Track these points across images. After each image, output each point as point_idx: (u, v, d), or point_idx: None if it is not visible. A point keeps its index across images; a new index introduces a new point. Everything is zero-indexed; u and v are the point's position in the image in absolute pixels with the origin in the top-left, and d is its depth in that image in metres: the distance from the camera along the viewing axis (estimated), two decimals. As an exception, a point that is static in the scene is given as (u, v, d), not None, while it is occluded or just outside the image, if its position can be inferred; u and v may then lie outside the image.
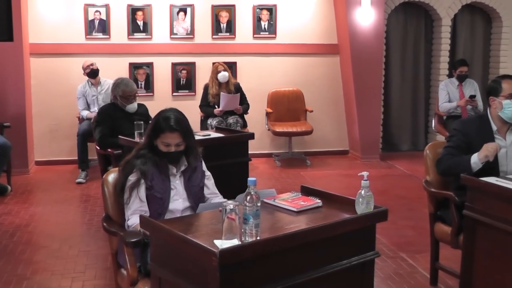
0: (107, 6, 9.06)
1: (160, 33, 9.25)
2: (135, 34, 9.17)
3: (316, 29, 9.71)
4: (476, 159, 4.21)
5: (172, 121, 3.77)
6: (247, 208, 2.81)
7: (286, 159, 9.41)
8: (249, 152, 6.18)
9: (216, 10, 9.37)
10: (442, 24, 10.15)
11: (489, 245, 4.02)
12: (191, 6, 9.26)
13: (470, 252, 4.16)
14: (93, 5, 9.05)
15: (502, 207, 3.89)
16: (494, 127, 4.43)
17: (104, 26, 9.09)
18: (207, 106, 8.57)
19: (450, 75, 9.54)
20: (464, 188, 4.18)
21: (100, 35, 9.10)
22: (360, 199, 3.22)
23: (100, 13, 9.05)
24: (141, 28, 9.18)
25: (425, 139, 10.35)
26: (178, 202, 3.81)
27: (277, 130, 9.14)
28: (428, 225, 4.78)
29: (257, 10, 9.49)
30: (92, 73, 8.39)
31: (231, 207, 2.79)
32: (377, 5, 9.28)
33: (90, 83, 8.46)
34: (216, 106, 8.47)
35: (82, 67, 8.45)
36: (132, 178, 3.74)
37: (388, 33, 10.05)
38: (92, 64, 8.42)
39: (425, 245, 4.95)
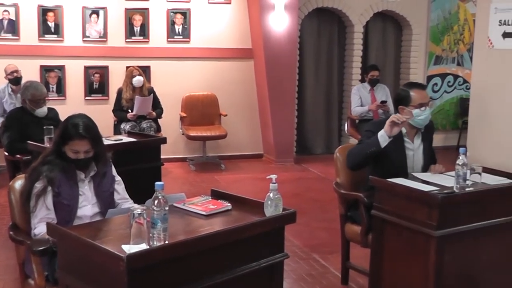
0: (16, 6, 8.80)
1: (72, 36, 9.08)
2: (46, 35, 8.96)
3: (230, 34, 9.74)
4: (382, 132, 4.31)
5: (81, 128, 3.70)
6: (155, 212, 2.79)
7: (201, 163, 9.41)
8: (163, 156, 6.16)
9: (129, 13, 9.27)
10: (354, 30, 10.37)
11: (396, 243, 4.14)
12: (104, 8, 9.14)
13: (378, 251, 4.28)
14: (1, 4, 8.78)
15: (409, 206, 4.01)
16: (404, 130, 4.53)
17: (13, 27, 8.84)
18: (120, 111, 8.48)
19: (362, 80, 9.74)
20: (373, 189, 4.29)
21: (10, 36, 8.85)
22: (269, 201, 3.24)
23: (8, 13, 8.79)
24: (53, 29, 8.98)
25: (339, 142, 10.52)
26: (87, 208, 3.75)
27: (191, 134, 9.12)
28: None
29: (171, 14, 9.44)
30: (15, 81, 8.11)
31: (139, 212, 2.78)
32: (291, 10, 9.38)
33: (10, 88, 8.21)
34: (130, 111, 8.39)
35: (5, 71, 8.20)
36: (38, 185, 3.66)
37: (302, 38, 10.18)
38: (16, 71, 8.14)
39: (337, 246, 5.03)
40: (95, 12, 9.13)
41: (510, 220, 4.28)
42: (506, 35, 4.98)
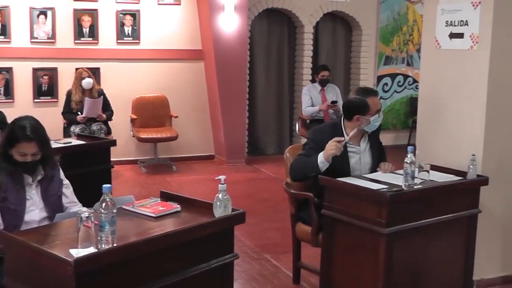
0: (-40, 7, 8.67)
1: (19, 37, 8.92)
2: (-8, 37, 8.83)
3: (180, 35, 9.70)
4: (322, 159, 4.31)
5: (28, 130, 3.64)
6: (103, 215, 2.76)
7: (152, 165, 9.35)
8: (114, 159, 6.10)
9: (78, 14, 9.15)
10: (304, 31, 10.43)
11: (346, 242, 4.20)
12: (52, 9, 9.00)
13: (329, 250, 4.33)
14: None
15: (358, 205, 4.08)
16: (347, 137, 4.51)
17: (-43, 28, 8.68)
18: (70, 113, 8.37)
19: (313, 80, 9.79)
20: (323, 189, 4.32)
21: (-46, 37, 8.70)
22: (218, 202, 3.24)
23: (-48, 14, 8.65)
24: (-1, 30, 8.85)
25: (290, 142, 10.55)
26: (35, 212, 3.70)
27: (142, 136, 9.07)
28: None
29: (120, 15, 9.36)
30: None
31: (87, 215, 2.75)
32: (241, 11, 9.39)
33: None
34: (80, 113, 8.29)
35: None
36: (-16, 190, 3.60)
37: (252, 39, 10.20)
38: None
39: (288, 246, 5.05)
40: (43, 12, 8.99)
41: (458, 216, 4.40)
42: (453, 35, 5.05)
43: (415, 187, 4.05)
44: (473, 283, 4.90)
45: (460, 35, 5.00)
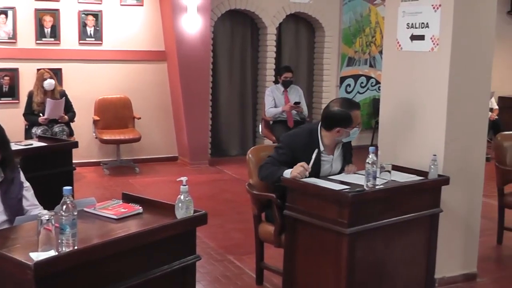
0: None
1: (-21, 38, 8.82)
2: (-49, 38, 8.69)
3: (143, 36, 9.65)
4: (288, 176, 4.30)
5: (-13, 132, 3.61)
6: (63, 218, 2.73)
7: (115, 167, 9.28)
8: (76, 161, 6.06)
9: (39, 14, 9.04)
10: (267, 32, 10.45)
11: (308, 242, 4.23)
12: (13, 8, 8.88)
13: (291, 250, 4.35)
14: None
15: (320, 205, 4.11)
16: (322, 148, 4.53)
17: None
18: (31, 115, 8.28)
19: (276, 82, 9.81)
20: (286, 190, 4.33)
21: None
22: (180, 204, 3.23)
23: None
24: (-42, 32, 8.71)
25: (253, 143, 10.55)
26: (-6, 215, 3.65)
27: (105, 138, 9.01)
28: (255, 227, 4.90)
29: (82, 15, 9.27)
30: None
31: (47, 218, 2.72)
32: (203, 12, 9.37)
33: None
34: (41, 114, 8.20)
35: None
36: None
37: (215, 40, 10.18)
38: None
39: (251, 247, 5.04)
40: (4, 12, 8.86)
41: (420, 216, 4.45)
42: (414, 37, 5.11)
43: (377, 187, 4.09)
44: (435, 281, 4.96)
45: (421, 37, 5.05)
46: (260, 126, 9.62)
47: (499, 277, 5.47)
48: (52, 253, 2.72)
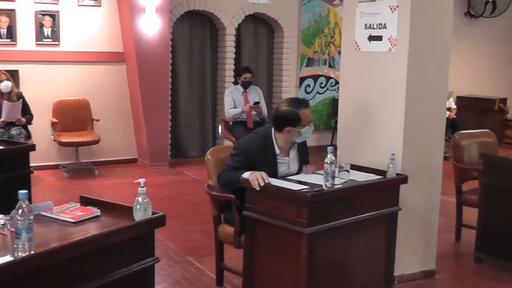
0: None
1: None
2: None
3: (101, 37, 9.57)
4: (246, 177, 4.28)
5: None
6: (19, 222, 2.69)
7: (74, 169, 9.18)
8: (35, 164, 5.98)
9: (-5, 15, 8.93)
10: (226, 33, 10.44)
11: (268, 243, 4.24)
12: (-33, 10, 8.77)
13: (251, 251, 4.36)
14: None
15: (279, 205, 4.12)
16: (277, 150, 4.55)
17: None
18: (-13, 118, 8.16)
19: (235, 82, 9.80)
20: (245, 190, 4.33)
21: None
22: (138, 206, 3.22)
23: None
24: None
25: (213, 144, 10.52)
26: (-52, 220, 3.58)
27: (63, 140, 8.90)
28: (215, 228, 4.89)
29: (39, 15, 9.15)
30: None
31: (2, 223, 2.68)
32: (162, 13, 9.33)
33: None
34: (-2, 117, 8.09)
35: None
36: None
37: (174, 41, 10.14)
38: None
39: (212, 248, 5.03)
40: (-43, 14, 8.73)
41: (379, 214, 4.50)
42: (371, 38, 5.14)
43: (336, 187, 4.12)
44: (394, 279, 5.01)
45: (379, 38, 5.09)
46: (219, 127, 9.60)
47: (457, 273, 5.55)
48: (7, 258, 2.68)
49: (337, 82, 11.62)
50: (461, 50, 12.76)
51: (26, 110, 8.34)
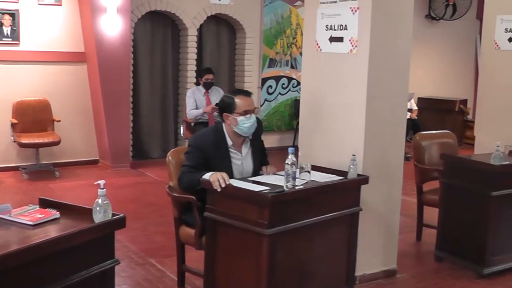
0: None
1: None
2: None
3: (62, 36, 9.46)
4: (207, 178, 4.27)
5: None
6: (-26, 224, 2.66)
7: (34, 171, 9.06)
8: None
9: (-48, 14, 8.78)
10: (188, 33, 10.41)
11: (229, 244, 4.23)
12: None
13: (212, 252, 4.34)
14: None
15: (240, 206, 4.12)
16: (230, 142, 4.56)
17: None
18: None
19: (197, 83, 9.77)
20: (206, 191, 4.32)
21: None
22: (98, 208, 3.19)
23: None
24: None
25: (175, 145, 10.46)
26: None
27: (23, 141, 8.78)
28: (176, 230, 4.87)
29: (-2, 15, 9.05)
30: None
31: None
32: (123, 13, 9.27)
33: None
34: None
35: None
36: None
37: (136, 41, 10.08)
38: None
39: (173, 249, 5.00)
40: None
41: (340, 215, 4.52)
42: (333, 39, 5.17)
43: (297, 187, 4.12)
44: (356, 279, 5.04)
45: (340, 39, 5.12)
46: (181, 128, 9.56)
47: (418, 272, 5.60)
48: (-37, 261, 2.64)
49: (299, 83, 11.61)
50: (422, 52, 12.92)
51: (-16, 111, 8.22)
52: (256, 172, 4.67)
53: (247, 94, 4.63)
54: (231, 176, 4.41)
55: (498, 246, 5.47)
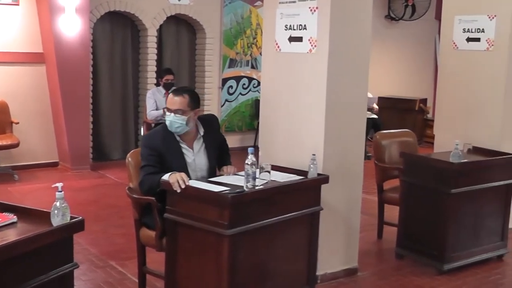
0: None
1: None
2: None
3: (19, 37, 9.32)
4: (166, 179, 4.25)
5: None
6: None
7: (-8, 174, 8.94)
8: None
9: None
10: (148, 34, 10.35)
11: (189, 245, 4.22)
12: None
13: (172, 253, 4.32)
14: None
15: (200, 207, 4.11)
16: (177, 138, 4.56)
17: None
18: None
19: (157, 84, 9.73)
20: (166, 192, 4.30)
21: None
22: (56, 211, 3.14)
23: None
24: None
25: (135, 146, 10.36)
26: None
27: (-19, 144, 8.66)
28: (137, 232, 4.83)
29: (-47, 16, 8.89)
30: None
31: None
32: (82, 13, 9.17)
33: None
34: None
35: None
36: None
37: (95, 42, 9.99)
38: None
39: (134, 251, 4.95)
40: None
41: (301, 215, 4.54)
42: (292, 39, 5.18)
43: (257, 187, 4.12)
44: (317, 278, 5.06)
45: (299, 39, 5.13)
46: (142, 129, 9.52)
47: (379, 270, 5.65)
48: None
49: (259, 83, 11.52)
50: (382, 52, 13.03)
51: None
52: (213, 169, 4.67)
53: (175, 93, 4.62)
54: (186, 171, 4.42)
55: (458, 242, 5.54)
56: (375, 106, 11.79)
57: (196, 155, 4.61)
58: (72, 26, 9.10)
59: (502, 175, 5.81)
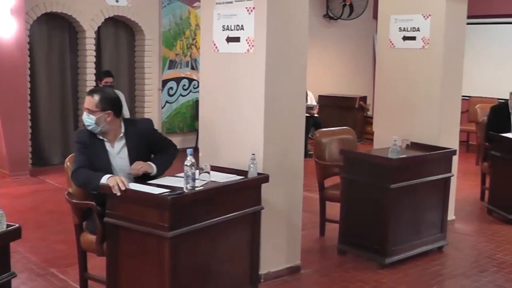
0: None
1: None
2: None
3: (-48, 42, 9.12)
4: (105, 182, 4.23)
5: None
6: None
7: None
8: None
9: None
10: (86, 36, 10.22)
11: (130, 248, 4.19)
12: None
13: (114, 258, 4.28)
14: None
15: (140, 210, 4.08)
16: (100, 136, 4.55)
17: None
18: None
19: (96, 87, 9.60)
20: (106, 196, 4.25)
21: None
22: (-9, 219, 3.09)
23: None
24: None
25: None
26: None
27: None
28: (78, 237, 4.77)
29: None
30: None
31: None
32: (17, 15, 8.99)
33: None
34: None
35: None
36: None
37: (32, 44, 9.79)
38: None
39: (75, 257, 4.89)
40: None
41: (242, 214, 4.55)
42: (229, 39, 5.19)
43: (197, 188, 4.11)
44: (261, 277, 5.08)
45: (237, 39, 5.14)
46: (82, 132, 9.37)
47: (322, 267, 5.71)
48: None
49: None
50: (322, 51, 13.15)
51: None
52: None
53: (88, 92, 4.71)
54: (108, 169, 4.43)
55: (398, 236, 5.65)
56: (315, 103, 11.86)
57: (117, 155, 4.58)
58: (7, 28, 8.91)
59: (440, 169, 5.95)
